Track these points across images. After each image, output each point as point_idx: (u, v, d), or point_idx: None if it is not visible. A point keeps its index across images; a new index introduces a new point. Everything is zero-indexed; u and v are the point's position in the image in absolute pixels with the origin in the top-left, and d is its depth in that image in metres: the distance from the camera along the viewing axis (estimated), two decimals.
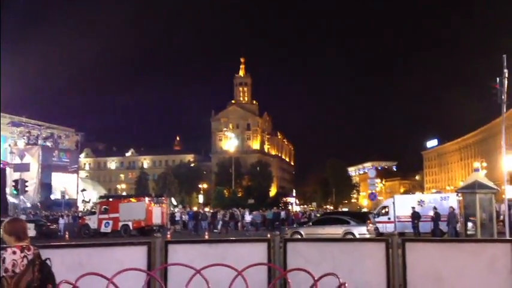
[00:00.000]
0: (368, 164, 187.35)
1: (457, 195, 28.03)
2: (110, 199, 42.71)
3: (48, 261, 4.54)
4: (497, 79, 20.65)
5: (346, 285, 5.25)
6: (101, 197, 48.45)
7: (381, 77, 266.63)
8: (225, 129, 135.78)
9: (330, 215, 37.60)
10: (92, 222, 36.59)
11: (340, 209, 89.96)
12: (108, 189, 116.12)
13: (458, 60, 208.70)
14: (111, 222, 35.83)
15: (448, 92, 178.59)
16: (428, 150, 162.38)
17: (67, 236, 35.67)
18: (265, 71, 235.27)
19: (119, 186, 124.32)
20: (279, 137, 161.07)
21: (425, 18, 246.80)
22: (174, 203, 54.82)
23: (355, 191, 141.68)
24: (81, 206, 65.61)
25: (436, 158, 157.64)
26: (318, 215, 45.43)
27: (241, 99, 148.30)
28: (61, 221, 41.87)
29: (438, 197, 32.35)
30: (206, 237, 32.39)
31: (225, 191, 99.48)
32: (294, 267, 6.77)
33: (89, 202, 64.80)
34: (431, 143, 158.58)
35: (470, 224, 20.26)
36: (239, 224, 45.30)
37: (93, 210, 39.80)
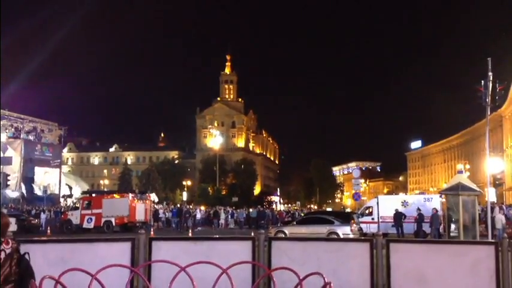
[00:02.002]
0: (352, 164, 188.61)
1: (441, 196, 28.32)
2: (93, 195, 42.37)
3: (26, 256, 4.48)
4: (482, 82, 20.82)
5: (332, 284, 5.24)
6: (83, 193, 48.05)
7: (367, 78, 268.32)
8: (210, 126, 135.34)
9: (314, 214, 37.68)
10: (75, 217, 36.25)
11: (324, 209, 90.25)
12: (91, 185, 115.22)
13: (444, 63, 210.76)
14: (93, 218, 35.53)
15: (433, 94, 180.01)
16: (412, 151, 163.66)
17: (49, 231, 35.29)
18: (251, 69, 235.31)
19: (102, 182, 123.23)
20: (264, 135, 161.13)
21: (411, 21, 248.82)
22: (156, 199, 54.48)
23: (339, 191, 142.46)
24: (62, 201, 64.97)
25: (420, 159, 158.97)
26: (302, 214, 45.59)
27: (227, 96, 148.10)
28: (43, 216, 41.44)
29: (422, 198, 32.53)
30: (190, 234, 32.29)
31: (209, 188, 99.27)
32: (279, 266, 6.76)
33: (70, 197, 64.20)
34: (415, 144, 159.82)
35: (453, 226, 20.42)
36: (222, 222, 45.25)
37: (76, 205, 39.46)
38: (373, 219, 30.77)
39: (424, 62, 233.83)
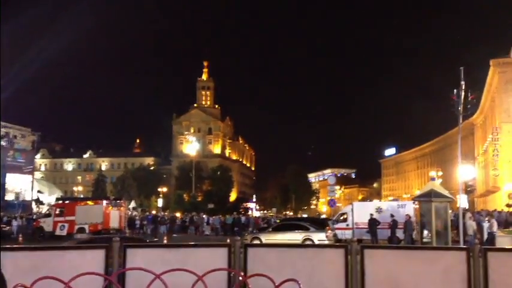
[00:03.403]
0: (328, 171, 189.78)
1: (414, 203, 28.70)
2: (66, 201, 41.76)
3: None
4: (455, 91, 21.23)
5: None
6: (57, 199, 47.29)
7: (343, 87, 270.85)
8: (186, 132, 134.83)
9: (290, 221, 37.84)
10: (47, 224, 35.70)
11: (299, 215, 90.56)
12: (65, 191, 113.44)
13: (419, 72, 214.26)
14: (66, 225, 35.01)
15: (407, 103, 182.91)
16: (386, 158, 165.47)
17: (21, 238, 34.64)
18: (228, 76, 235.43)
19: (75, 189, 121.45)
20: (241, 142, 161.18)
21: (387, 29, 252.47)
22: (133, 206, 54.06)
23: (314, 198, 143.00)
24: (34, 208, 63.81)
25: (394, 166, 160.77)
26: (278, 220, 45.66)
27: (204, 103, 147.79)
28: (14, 223, 40.65)
29: (395, 205, 32.90)
30: (165, 241, 32.03)
31: (184, 195, 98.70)
32: (254, 272, 6.77)
33: (42, 204, 63.11)
34: (390, 151, 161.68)
35: (426, 232, 20.72)
36: (198, 228, 44.99)
37: (49, 212, 38.85)
38: (347, 225, 30.97)
39: (399, 72, 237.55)
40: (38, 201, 65.16)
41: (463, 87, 21.08)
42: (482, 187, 79.19)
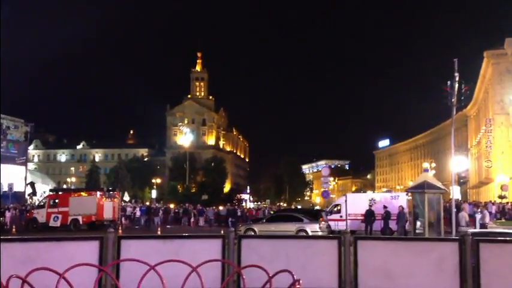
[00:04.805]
0: (322, 162, 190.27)
1: (407, 194, 28.80)
2: (60, 192, 41.63)
3: None
4: (448, 82, 21.26)
5: (301, 281, 5.31)
6: (50, 190, 47.12)
7: (338, 78, 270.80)
8: (180, 124, 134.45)
9: (284, 212, 37.88)
10: (40, 216, 35.57)
11: (293, 206, 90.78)
12: (58, 183, 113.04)
13: (414, 64, 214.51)
14: (60, 216, 34.91)
15: (402, 95, 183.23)
16: (380, 150, 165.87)
17: (14, 229, 34.55)
18: (222, 67, 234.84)
19: (69, 180, 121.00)
20: (235, 133, 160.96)
21: (382, 21, 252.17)
22: (127, 198, 53.98)
23: (308, 189, 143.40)
24: (28, 199, 63.53)
25: (388, 158, 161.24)
26: (272, 212, 45.75)
27: (198, 94, 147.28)
28: (7, 214, 40.48)
29: (388, 196, 33.01)
30: (159, 233, 32.09)
31: (178, 186, 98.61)
32: (248, 263, 6.80)
33: (35, 195, 62.82)
34: (383, 143, 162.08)
35: (418, 223, 20.82)
36: (192, 220, 45.02)
37: (42, 203, 38.73)
38: (341, 216, 31.07)
39: (394, 63, 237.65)
40: (32, 193, 64.84)
41: (457, 79, 21.11)
42: (475, 178, 79.61)
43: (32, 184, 68.15)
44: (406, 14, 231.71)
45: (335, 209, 32.87)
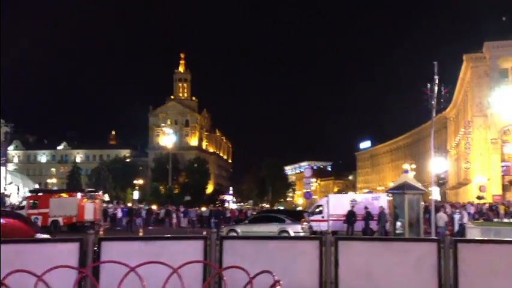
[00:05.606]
0: (304, 164, 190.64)
1: (388, 195, 29.10)
2: (40, 193, 41.12)
3: None
4: (428, 85, 21.53)
5: (281, 282, 5.34)
6: (30, 191, 46.52)
7: (319, 79, 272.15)
8: (163, 124, 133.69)
9: (266, 213, 37.97)
10: None
11: (276, 207, 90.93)
12: (38, 183, 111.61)
13: (394, 66, 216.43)
14: (40, 217, 34.48)
15: (383, 97, 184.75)
16: (361, 151, 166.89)
17: None
18: (205, 68, 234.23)
19: (49, 181, 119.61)
20: (218, 134, 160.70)
21: (363, 24, 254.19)
22: (107, 199, 53.42)
23: (291, 190, 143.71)
24: (7, 200, 62.62)
25: (369, 159, 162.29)
26: (254, 213, 45.78)
27: (181, 95, 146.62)
28: None
29: (369, 197, 33.30)
30: (141, 234, 31.90)
31: (161, 187, 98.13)
32: (230, 264, 6.80)
33: (7, 196, 61.95)
34: (365, 144, 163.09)
35: (399, 224, 21.04)
36: (174, 221, 44.78)
37: (22, 205, 38.21)
38: (323, 217, 31.24)
39: (376, 66, 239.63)
40: (6, 195, 63.96)
41: (437, 82, 21.40)
42: (454, 179, 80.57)
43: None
44: (387, 17, 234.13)
45: (317, 209, 33.03)
